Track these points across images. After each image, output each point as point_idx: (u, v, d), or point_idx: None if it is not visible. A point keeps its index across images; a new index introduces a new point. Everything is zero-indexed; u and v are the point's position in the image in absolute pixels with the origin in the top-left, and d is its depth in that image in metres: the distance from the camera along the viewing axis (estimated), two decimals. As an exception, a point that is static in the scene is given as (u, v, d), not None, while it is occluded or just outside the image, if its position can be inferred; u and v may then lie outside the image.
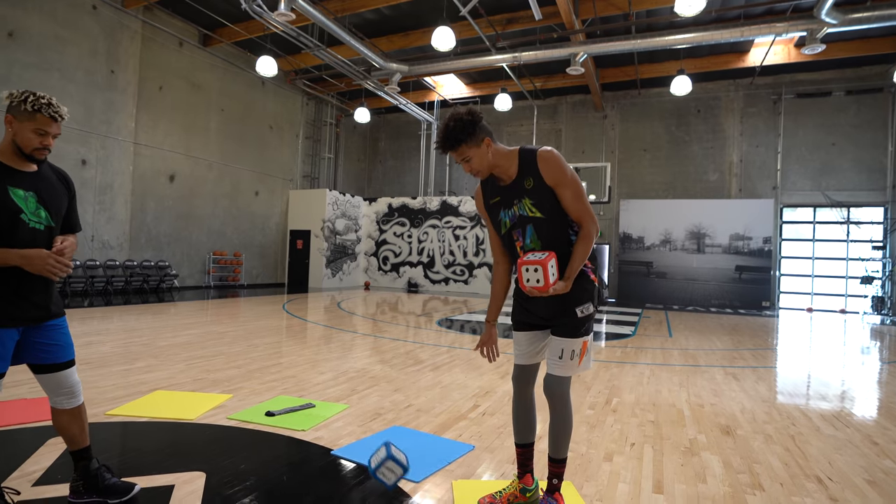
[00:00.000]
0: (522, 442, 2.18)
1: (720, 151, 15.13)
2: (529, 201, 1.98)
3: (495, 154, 2.01)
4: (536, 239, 2.00)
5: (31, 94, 1.85)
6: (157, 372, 4.27)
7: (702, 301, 13.94)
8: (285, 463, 2.56)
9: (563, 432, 2.06)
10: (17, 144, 1.87)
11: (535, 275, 1.86)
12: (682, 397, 4.07)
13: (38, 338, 1.95)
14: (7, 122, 1.86)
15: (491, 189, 2.12)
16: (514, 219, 2.04)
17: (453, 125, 1.94)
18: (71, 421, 2.05)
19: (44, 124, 1.87)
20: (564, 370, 2.02)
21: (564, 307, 2.00)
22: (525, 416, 2.18)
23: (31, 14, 9.63)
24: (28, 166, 1.93)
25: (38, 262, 1.80)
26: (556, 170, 1.95)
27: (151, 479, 2.29)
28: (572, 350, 2.00)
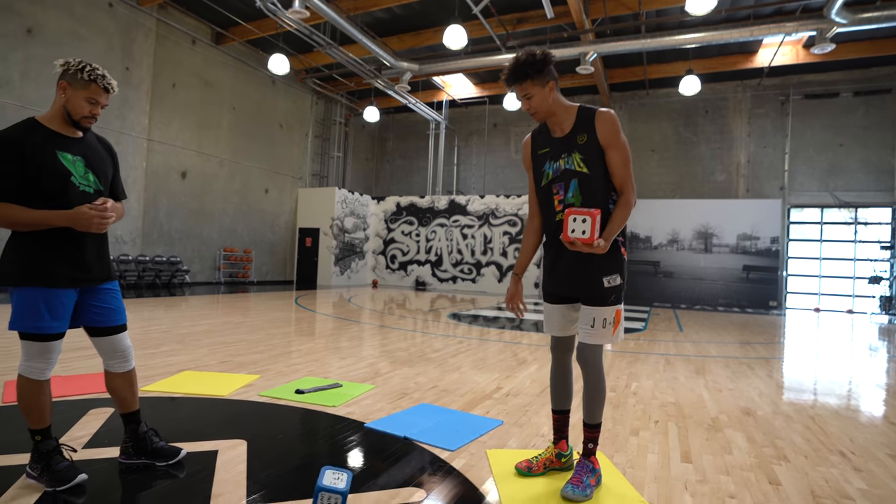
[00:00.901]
0: (559, 408, 2.26)
1: (728, 152, 15.18)
2: (579, 156, 2.00)
3: (556, 102, 2.03)
4: (579, 194, 2.01)
5: (88, 65, 1.93)
6: (181, 356, 4.35)
7: (709, 300, 13.98)
8: (322, 433, 2.64)
9: (596, 399, 2.11)
10: (68, 110, 1.94)
11: (583, 225, 1.85)
12: (699, 383, 4.13)
13: (93, 301, 2.02)
14: (61, 87, 1.93)
15: (542, 139, 2.14)
16: (557, 171, 2.06)
17: (524, 59, 1.96)
18: (123, 384, 2.12)
19: (96, 94, 1.95)
20: (596, 338, 2.05)
21: (591, 277, 2.01)
22: (562, 384, 2.25)
23: (49, 11, 9.77)
24: (74, 133, 2.00)
25: (82, 219, 1.85)
26: (612, 131, 1.97)
27: (195, 446, 2.36)
28: (604, 318, 2.02)
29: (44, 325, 1.86)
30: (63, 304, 1.90)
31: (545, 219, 2.16)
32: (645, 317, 9.93)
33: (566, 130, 2.04)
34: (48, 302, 1.86)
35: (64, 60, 1.94)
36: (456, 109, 18.30)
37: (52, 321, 1.87)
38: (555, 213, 2.08)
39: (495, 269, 15.73)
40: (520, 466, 2.17)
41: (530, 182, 2.21)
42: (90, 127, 2.04)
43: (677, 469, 2.31)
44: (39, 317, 1.85)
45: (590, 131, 1.99)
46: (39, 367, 1.90)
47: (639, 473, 2.25)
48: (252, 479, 2.03)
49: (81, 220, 1.85)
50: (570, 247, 1.91)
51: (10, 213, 1.81)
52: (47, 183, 1.86)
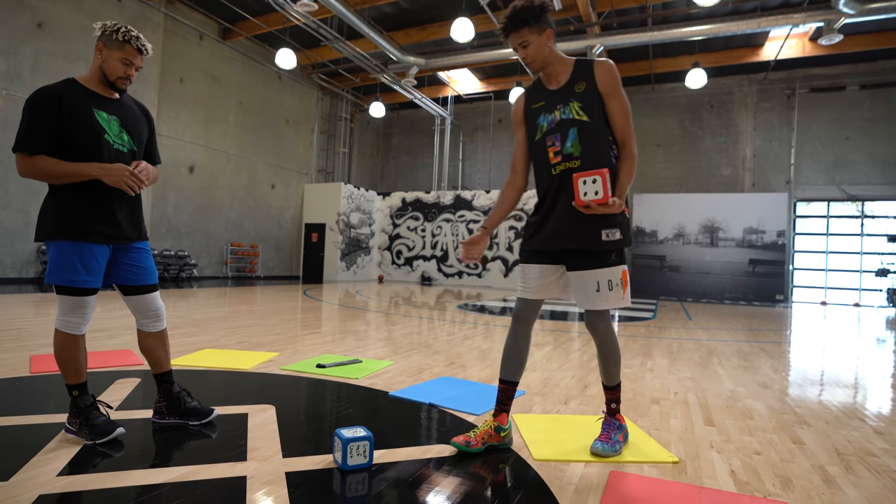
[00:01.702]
0: (508, 379, 2.06)
1: (733, 146, 15.18)
2: (578, 104, 1.91)
3: (552, 53, 1.97)
4: (578, 144, 1.90)
5: (123, 26, 1.98)
6: (199, 336, 4.39)
7: (715, 294, 13.98)
8: (348, 401, 2.67)
9: (612, 361, 2.06)
10: (104, 71, 1.99)
11: (595, 186, 1.76)
12: (713, 361, 4.15)
13: (126, 259, 2.06)
14: (98, 49, 1.99)
15: (537, 94, 2.05)
16: (552, 123, 1.96)
17: (521, 6, 1.91)
18: (156, 343, 2.16)
19: (130, 54, 1.99)
20: (606, 302, 1.92)
21: (587, 230, 1.89)
22: (517, 354, 2.06)
23: (58, 5, 9.83)
24: (111, 94, 2.05)
25: (116, 174, 1.90)
26: (611, 78, 1.90)
27: (225, 409, 2.40)
28: (609, 280, 1.90)
29: (78, 278, 1.90)
30: (97, 259, 1.94)
31: (539, 175, 2.03)
32: (653, 307, 9.95)
33: (562, 82, 1.97)
34: (82, 256, 1.90)
35: (101, 24, 1.98)
36: (461, 105, 18.34)
37: (86, 275, 1.91)
38: (550, 166, 1.96)
39: (501, 263, 15.75)
40: (457, 440, 1.98)
41: (518, 142, 2.11)
42: (126, 89, 2.08)
43: (701, 431, 2.33)
44: (74, 270, 1.89)
45: (589, 79, 1.92)
46: (75, 321, 1.94)
47: (664, 435, 2.27)
48: (285, 437, 2.07)
49: (114, 174, 1.90)
50: (585, 211, 1.82)
51: (46, 165, 1.86)
52: (82, 139, 1.90)
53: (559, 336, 5.35)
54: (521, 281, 2.07)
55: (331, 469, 1.77)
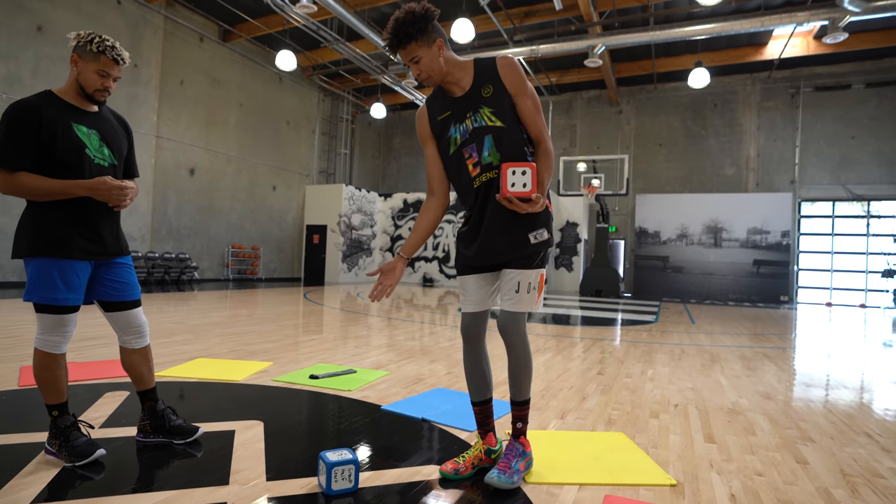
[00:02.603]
0: (479, 399, 1.99)
1: (737, 145, 15.06)
2: (489, 110, 1.79)
3: (448, 61, 1.81)
4: (496, 151, 1.79)
5: (97, 36, 1.91)
6: (194, 344, 4.34)
7: (719, 295, 13.87)
8: (339, 415, 2.61)
9: (523, 372, 1.90)
10: (81, 84, 1.92)
11: (524, 178, 1.67)
12: (716, 369, 4.07)
13: (107, 274, 2.00)
14: (73, 61, 1.92)
15: (441, 104, 1.90)
16: (465, 133, 1.83)
17: (403, 18, 1.73)
18: (139, 360, 2.10)
19: (106, 66, 1.92)
20: (520, 305, 1.84)
21: (516, 236, 1.80)
22: (479, 372, 1.98)
23: (58, 8, 9.81)
24: (90, 107, 1.99)
25: (103, 188, 1.85)
26: (517, 76, 1.78)
27: (211, 426, 2.34)
28: (528, 283, 1.83)
29: (59, 296, 1.85)
30: (78, 276, 1.89)
31: (461, 190, 1.90)
32: (655, 310, 9.86)
33: (466, 87, 1.83)
34: (63, 273, 1.85)
35: (76, 33, 1.92)
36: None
37: (67, 293, 1.86)
38: (471, 179, 1.83)
39: (503, 264, 15.65)
40: (445, 469, 1.87)
41: (429, 158, 1.96)
42: (105, 101, 2.02)
43: (701, 449, 2.26)
44: (55, 288, 1.83)
45: (494, 81, 1.78)
46: (55, 340, 1.88)
47: (662, 453, 2.21)
48: (271, 457, 2.01)
49: (102, 190, 1.85)
50: (507, 205, 1.70)
51: (29, 183, 1.80)
52: (62, 154, 1.84)
53: (561, 342, 5.28)
54: (461, 294, 1.97)
55: (315, 493, 1.71)
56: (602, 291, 13.30)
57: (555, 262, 15.72)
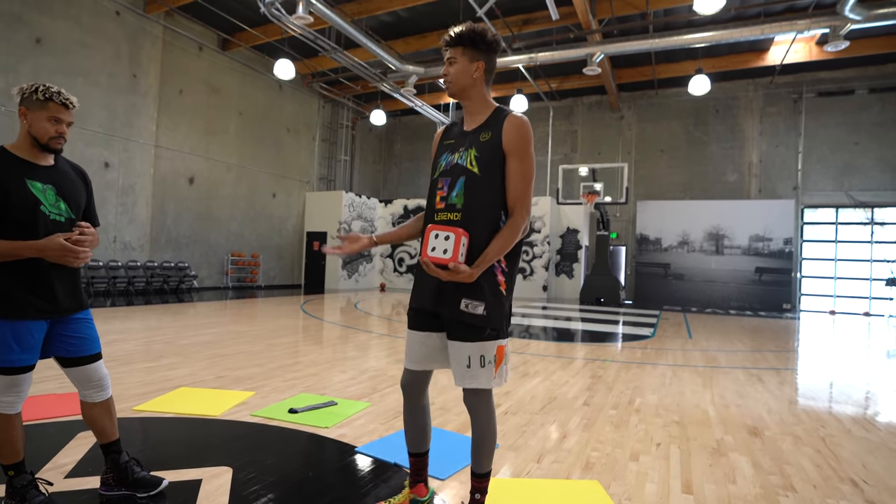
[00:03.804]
0: (416, 451, 1.98)
1: (739, 151, 14.94)
2: (475, 153, 1.79)
3: (477, 89, 1.85)
4: (462, 196, 1.77)
5: (41, 85, 1.88)
6: (180, 369, 4.32)
7: (721, 303, 13.75)
8: (310, 459, 2.57)
9: (484, 447, 1.84)
10: (34, 136, 1.89)
11: (445, 243, 1.62)
12: (706, 398, 4.01)
13: (65, 330, 1.97)
14: (21, 114, 1.88)
15: (454, 131, 1.94)
16: (448, 165, 1.84)
17: (471, 28, 1.82)
18: (101, 414, 2.07)
19: (56, 111, 1.89)
20: (472, 381, 1.75)
21: (450, 295, 1.74)
22: (417, 425, 1.96)
23: (57, 20, 9.84)
24: (45, 160, 1.95)
25: (54, 249, 1.79)
26: (518, 136, 1.76)
27: (179, 474, 2.31)
28: (480, 356, 1.73)
29: (13, 357, 1.81)
30: (33, 336, 1.85)
31: (426, 215, 1.89)
32: (654, 321, 9.78)
33: (475, 125, 1.86)
34: (17, 334, 1.81)
35: (19, 87, 1.88)
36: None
37: (21, 353, 1.82)
38: (434, 210, 1.83)
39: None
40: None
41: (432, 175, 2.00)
42: (61, 149, 1.98)
43: (678, 501, 2.21)
44: (9, 349, 1.80)
45: (496, 131, 1.78)
46: (9, 400, 1.85)
47: (636, 506, 2.15)
48: (232, 514, 1.97)
49: (52, 251, 1.80)
50: (425, 269, 1.67)
51: None
52: (16, 212, 1.81)
53: (552, 363, 5.22)
54: (406, 348, 1.93)
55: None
56: (603, 300, 13.21)
57: (555, 269, 15.64)
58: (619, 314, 11.18)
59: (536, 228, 15.00)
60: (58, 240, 1.80)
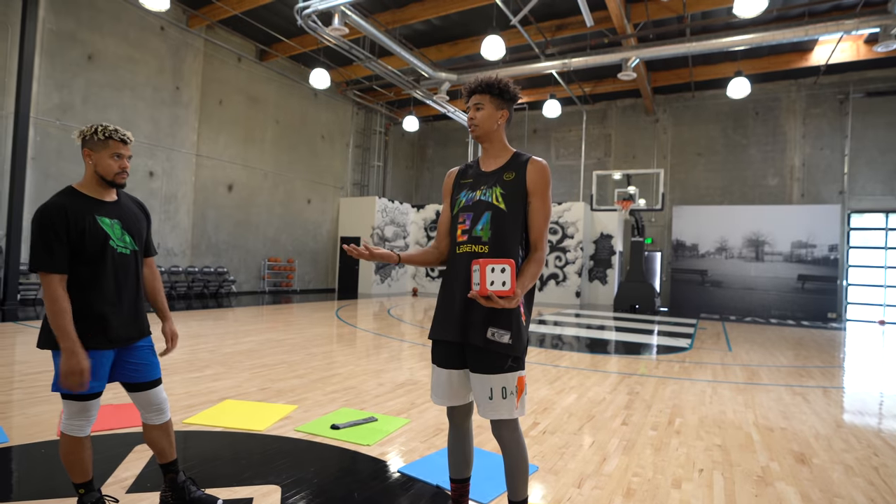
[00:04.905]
0: (458, 477, 2.04)
1: (780, 155, 14.49)
2: (500, 190, 1.91)
3: (498, 131, 1.98)
4: (488, 229, 1.88)
5: (99, 125, 2.00)
6: (224, 380, 4.47)
7: (761, 312, 13.36)
8: (355, 479, 2.64)
9: (519, 474, 1.89)
10: (100, 174, 2.01)
11: (503, 276, 1.66)
12: (748, 419, 3.92)
13: (129, 357, 2.08)
14: (86, 155, 2.01)
15: (470, 170, 2.06)
16: (470, 201, 1.95)
17: (497, 80, 1.96)
18: (160, 436, 2.18)
19: (117, 148, 2.01)
20: (500, 412, 1.82)
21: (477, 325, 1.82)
22: (460, 451, 2.03)
23: (107, 37, 10.28)
24: (110, 195, 2.08)
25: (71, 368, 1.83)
26: (541, 179, 1.90)
27: (230, 492, 2.40)
28: (502, 388, 1.81)
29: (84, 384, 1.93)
30: (102, 365, 1.97)
31: (450, 248, 1.99)
32: (691, 332, 9.58)
33: (495, 167, 1.98)
34: (90, 364, 1.93)
35: (79, 131, 2.01)
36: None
37: (92, 381, 1.94)
38: (456, 243, 1.94)
39: (536, 277, 15.50)
40: None
41: (443, 211, 2.10)
42: (125, 184, 2.10)
43: (722, 534, 2.18)
44: (80, 378, 1.91)
45: (520, 172, 1.92)
46: (80, 424, 1.97)
47: (680, 538, 2.14)
48: (283, 536, 2.04)
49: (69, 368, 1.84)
50: (485, 303, 1.70)
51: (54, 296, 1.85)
52: (89, 248, 1.93)
53: (586, 378, 5.19)
54: (432, 383, 2.00)
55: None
56: (638, 307, 13.01)
57: (588, 275, 15.47)
58: (655, 322, 10.99)
59: (570, 234, 14.87)
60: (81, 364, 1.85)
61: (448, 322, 1.91)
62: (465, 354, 1.90)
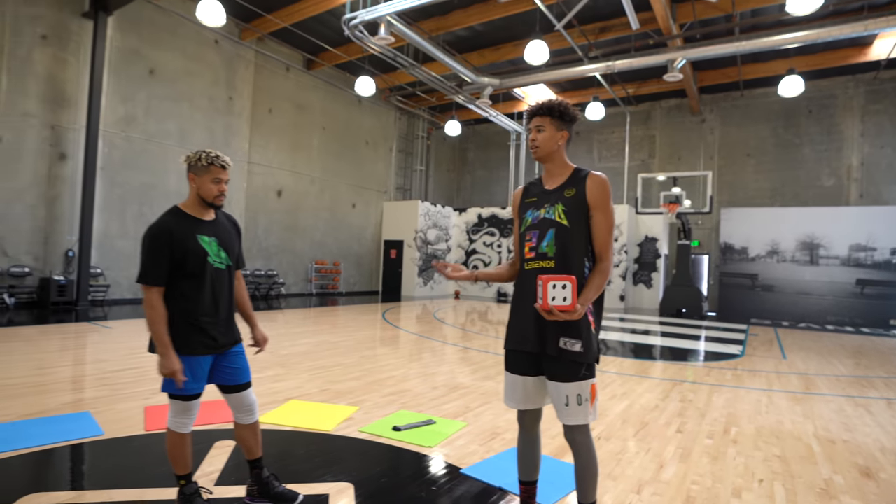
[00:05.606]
0: (527, 479, 2.18)
1: (836, 154, 13.93)
2: (562, 207, 2.00)
3: (558, 152, 2.09)
4: (553, 245, 1.98)
5: (203, 152, 2.22)
6: (286, 381, 4.70)
7: (816, 317, 12.88)
8: (420, 479, 2.78)
9: (589, 477, 2.00)
10: (202, 196, 2.24)
11: (564, 291, 1.78)
12: (807, 430, 3.87)
13: (224, 362, 2.29)
14: (190, 179, 2.24)
15: (534, 189, 2.16)
16: (535, 219, 2.06)
17: (557, 103, 2.07)
18: (248, 435, 2.38)
19: (217, 173, 2.23)
20: (576, 418, 1.94)
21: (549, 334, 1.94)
22: (530, 453, 2.17)
23: (166, 52, 10.85)
24: (209, 214, 2.29)
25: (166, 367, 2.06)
26: (601, 192, 1.98)
27: (307, 488, 2.58)
28: (577, 395, 1.93)
29: (188, 386, 2.14)
30: (202, 368, 2.18)
31: (520, 265, 2.12)
32: (742, 338, 9.35)
33: (557, 184, 2.08)
34: (191, 367, 2.14)
35: (185, 156, 2.22)
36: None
37: (193, 383, 2.15)
38: (525, 260, 2.06)
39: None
40: None
41: (515, 230, 2.20)
42: (223, 205, 2.31)
43: (787, 544, 2.21)
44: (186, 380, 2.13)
45: (580, 188, 2.01)
46: (183, 422, 2.18)
47: (744, 547, 2.18)
48: (362, 531, 2.19)
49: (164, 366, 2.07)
50: (547, 316, 1.82)
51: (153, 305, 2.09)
52: (190, 265, 2.14)
53: (636, 384, 5.20)
54: (506, 388, 2.13)
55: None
56: (685, 311, 12.76)
57: (633, 279, 15.26)
58: (703, 328, 10.77)
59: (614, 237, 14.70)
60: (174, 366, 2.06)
61: (522, 333, 2.04)
62: (539, 363, 2.02)
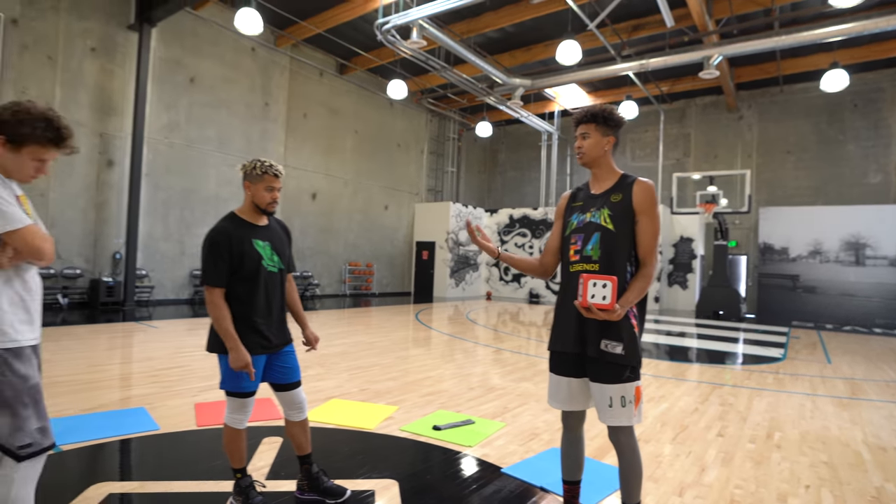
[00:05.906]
0: (570, 479, 2.23)
1: (884, 150, 13.41)
2: (608, 212, 2.04)
3: (605, 157, 2.12)
4: (598, 248, 2.02)
5: (259, 161, 2.34)
6: (326, 380, 4.83)
7: (862, 320, 12.42)
8: (463, 478, 2.84)
9: (633, 478, 2.03)
10: (256, 203, 2.35)
11: (604, 290, 1.83)
12: (856, 436, 3.78)
13: (277, 361, 2.40)
14: (246, 187, 2.36)
15: (581, 193, 2.21)
16: (581, 223, 2.10)
17: (601, 108, 2.10)
18: (298, 431, 2.48)
19: (270, 182, 2.34)
20: (620, 419, 1.97)
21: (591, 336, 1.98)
22: (573, 453, 2.22)
23: (206, 60, 11.21)
24: (262, 220, 2.41)
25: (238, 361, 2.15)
26: (648, 198, 2.02)
27: (353, 483, 2.67)
28: (621, 396, 1.96)
29: (244, 384, 2.25)
30: (257, 367, 2.29)
31: (563, 267, 2.18)
32: (783, 341, 9.11)
33: (604, 189, 2.12)
34: (247, 366, 2.25)
35: (241, 165, 2.35)
36: (568, 118, 18.04)
37: (249, 382, 2.26)
38: (569, 262, 2.10)
39: (611, 281, 15.22)
40: None
41: (553, 232, 2.27)
42: (275, 211, 2.43)
43: (836, 550, 2.19)
44: (241, 378, 2.24)
45: (626, 193, 2.04)
46: (239, 418, 2.30)
47: (791, 552, 2.17)
48: (409, 526, 2.27)
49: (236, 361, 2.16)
50: (585, 314, 1.89)
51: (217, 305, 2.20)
52: (246, 268, 2.25)
53: (674, 387, 5.14)
54: (550, 389, 2.18)
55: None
56: (722, 313, 12.48)
57: (668, 280, 15.00)
58: (741, 330, 10.53)
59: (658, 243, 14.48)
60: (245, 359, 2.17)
61: (565, 335, 2.09)
62: (583, 364, 2.06)
